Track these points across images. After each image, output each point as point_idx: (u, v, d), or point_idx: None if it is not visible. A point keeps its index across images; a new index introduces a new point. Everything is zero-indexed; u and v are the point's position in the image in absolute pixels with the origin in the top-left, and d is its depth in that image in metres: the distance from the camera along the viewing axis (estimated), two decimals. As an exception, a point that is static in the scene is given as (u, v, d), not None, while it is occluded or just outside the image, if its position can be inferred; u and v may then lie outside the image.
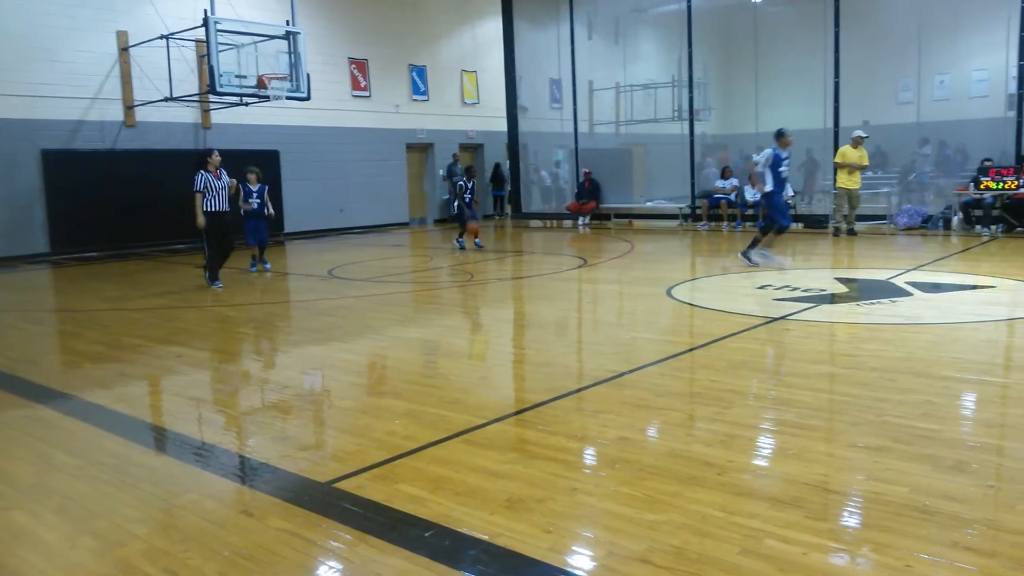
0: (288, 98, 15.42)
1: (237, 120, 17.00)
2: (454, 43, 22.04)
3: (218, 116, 16.91)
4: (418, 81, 21.07)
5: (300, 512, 3.29)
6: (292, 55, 15.42)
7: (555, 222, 19.93)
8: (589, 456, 3.90)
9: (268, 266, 12.06)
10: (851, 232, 13.72)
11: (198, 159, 10.07)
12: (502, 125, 21.18)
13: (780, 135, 10.05)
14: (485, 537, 2.99)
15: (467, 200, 14.25)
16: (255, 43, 15.23)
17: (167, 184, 16.07)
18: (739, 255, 10.58)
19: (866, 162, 13.76)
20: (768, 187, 10.06)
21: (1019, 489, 3.30)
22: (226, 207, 9.94)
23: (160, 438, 4.50)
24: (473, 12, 22.28)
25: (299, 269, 13.04)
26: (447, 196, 21.59)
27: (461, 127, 22.08)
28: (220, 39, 14.32)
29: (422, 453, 3.94)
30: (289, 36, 15.34)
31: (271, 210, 11.77)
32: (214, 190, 9.77)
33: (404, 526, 3.12)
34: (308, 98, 15.86)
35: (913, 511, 3.07)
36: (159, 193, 15.83)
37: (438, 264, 12.87)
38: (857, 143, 13.65)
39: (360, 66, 19.71)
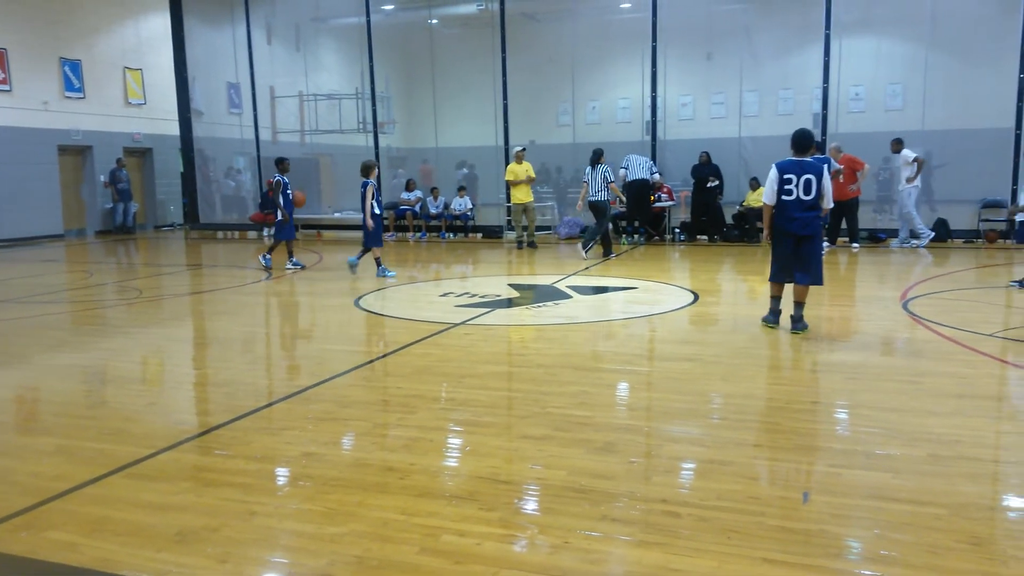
0: None
1: None
2: (115, 37, 19.98)
3: None
4: (72, 77, 18.76)
5: (-87, 581, 2.77)
6: (-101, 36, 12.92)
7: (238, 233, 18.98)
8: (270, 476, 3.78)
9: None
10: (531, 245, 14.18)
11: (593, 155, 12.46)
12: (174, 128, 19.66)
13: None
14: (151, 576, 2.76)
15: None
16: None
17: None
18: None
19: (532, 174, 14.31)
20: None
21: (655, 463, 3.83)
22: None
23: None
24: (135, 5, 20.39)
25: (-84, 291, 10.92)
26: (110, 205, 19.51)
27: (126, 129, 20.10)
28: None
29: (76, 494, 3.52)
30: None
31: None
32: None
33: (52, 578, 2.77)
34: (-76, 88, 13.41)
35: (571, 491, 3.43)
36: None
37: (101, 280, 11.58)
38: (520, 158, 14.25)
39: (-4, 55, 17.06)
